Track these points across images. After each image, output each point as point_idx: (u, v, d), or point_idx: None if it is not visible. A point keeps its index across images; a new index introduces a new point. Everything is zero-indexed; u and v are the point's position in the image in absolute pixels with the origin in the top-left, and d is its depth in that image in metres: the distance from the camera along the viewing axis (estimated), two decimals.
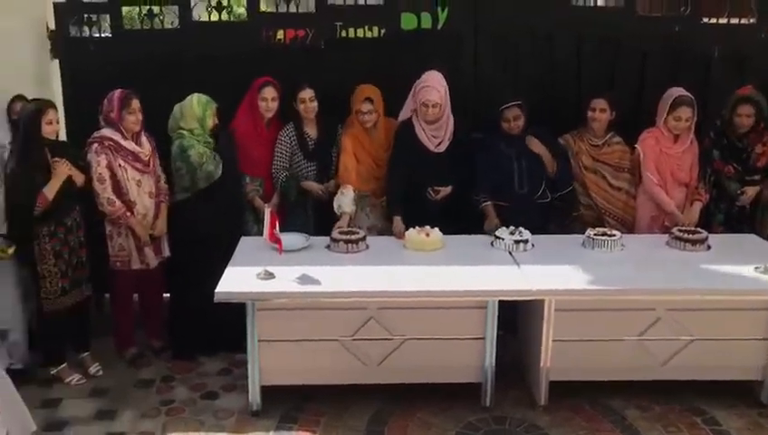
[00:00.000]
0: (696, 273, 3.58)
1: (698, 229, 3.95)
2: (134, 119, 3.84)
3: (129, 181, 3.89)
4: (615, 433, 3.46)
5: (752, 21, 4.55)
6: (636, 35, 4.49)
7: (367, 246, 3.85)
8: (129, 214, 3.88)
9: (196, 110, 3.96)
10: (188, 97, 4.00)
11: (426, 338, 3.55)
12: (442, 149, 4.17)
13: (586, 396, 3.70)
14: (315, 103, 4.19)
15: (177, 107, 4.01)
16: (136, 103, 3.84)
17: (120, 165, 3.86)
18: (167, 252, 4.09)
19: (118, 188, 3.87)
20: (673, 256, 3.79)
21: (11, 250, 3.62)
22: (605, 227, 4.12)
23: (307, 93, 4.16)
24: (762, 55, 4.50)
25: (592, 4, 4.56)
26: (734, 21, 4.59)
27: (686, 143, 4.23)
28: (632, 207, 4.33)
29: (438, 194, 4.14)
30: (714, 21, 4.60)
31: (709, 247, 3.85)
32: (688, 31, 4.50)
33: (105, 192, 3.83)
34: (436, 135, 4.17)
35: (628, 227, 4.29)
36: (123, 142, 3.86)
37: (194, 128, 3.97)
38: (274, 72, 4.24)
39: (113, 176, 3.85)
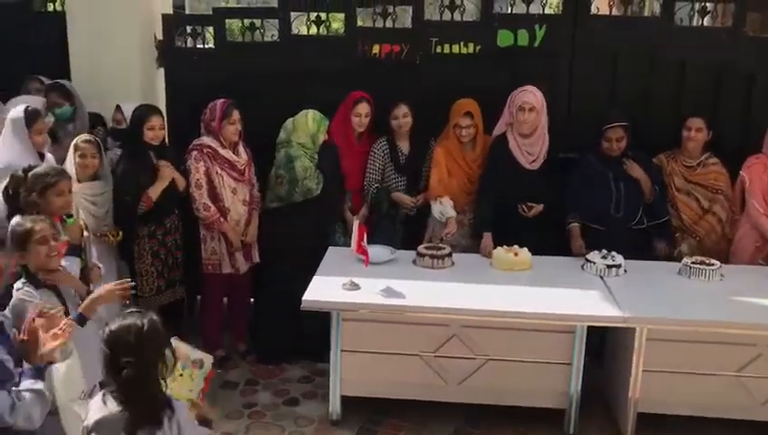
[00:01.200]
0: None
1: None
2: (233, 129, 3.97)
3: (224, 188, 4.02)
4: None
5: None
6: (743, 56, 4.29)
7: (453, 263, 3.83)
8: (222, 220, 4.00)
9: (310, 126, 4.05)
10: (302, 112, 4.09)
11: (509, 360, 3.49)
12: (536, 166, 4.12)
13: (676, 431, 3.54)
14: (409, 119, 4.22)
15: (289, 121, 4.12)
16: (236, 114, 3.97)
17: (216, 172, 3.99)
18: (256, 258, 4.20)
19: (214, 195, 4.00)
20: None
21: (119, 235, 3.77)
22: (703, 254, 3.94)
23: (401, 110, 4.20)
24: None
25: (696, 23, 4.38)
26: None
27: None
28: (720, 234, 4.13)
29: (531, 211, 4.07)
30: None
31: None
32: None
33: (202, 198, 3.97)
34: (531, 151, 4.11)
35: (718, 253, 4.08)
36: (221, 151, 3.99)
37: (304, 142, 4.06)
38: (369, 86, 4.30)
39: (210, 182, 3.99)
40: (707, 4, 4.33)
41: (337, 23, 4.83)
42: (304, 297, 3.36)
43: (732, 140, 4.27)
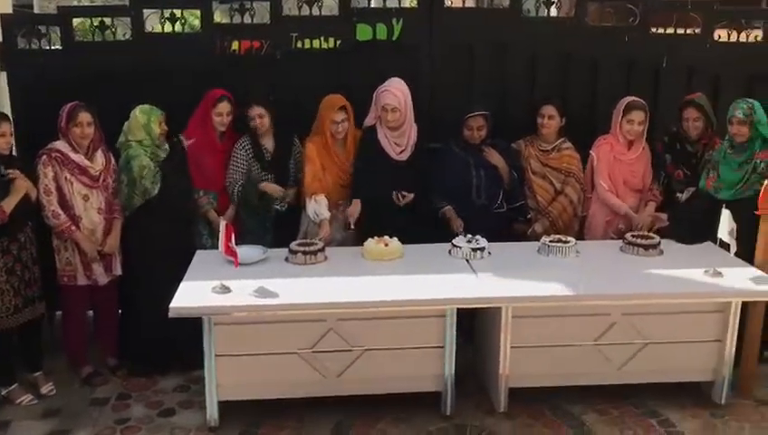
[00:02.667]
0: (648, 277, 3.65)
1: (651, 235, 4.03)
2: (80, 132, 3.77)
3: (74, 195, 3.82)
4: None
5: (697, 31, 4.66)
6: (587, 46, 4.57)
7: (326, 258, 3.83)
8: (74, 228, 3.80)
9: (139, 119, 3.91)
10: (132, 110, 3.94)
11: (385, 348, 3.55)
12: (404, 157, 4.20)
13: (545, 402, 3.74)
14: (266, 119, 4.16)
15: (126, 123, 3.96)
16: (83, 117, 3.77)
17: (66, 178, 3.79)
18: (118, 270, 4.00)
19: (63, 202, 3.80)
20: (627, 261, 3.85)
21: None
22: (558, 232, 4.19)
23: (255, 111, 4.14)
24: (707, 65, 4.63)
25: (544, 14, 4.61)
26: (681, 31, 4.70)
27: (638, 150, 4.34)
28: (571, 214, 4.40)
29: (404, 199, 4.14)
30: (662, 31, 4.71)
31: (662, 252, 3.93)
32: (638, 41, 4.60)
33: (51, 205, 3.75)
34: (399, 142, 4.19)
35: (571, 232, 4.35)
36: (72, 155, 3.80)
37: (142, 139, 3.92)
38: (229, 84, 4.22)
39: (59, 189, 3.78)
40: None
41: (194, 19, 4.69)
42: (172, 304, 3.25)
43: (582, 124, 4.53)
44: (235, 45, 4.44)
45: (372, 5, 4.61)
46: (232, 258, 3.48)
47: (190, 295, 3.36)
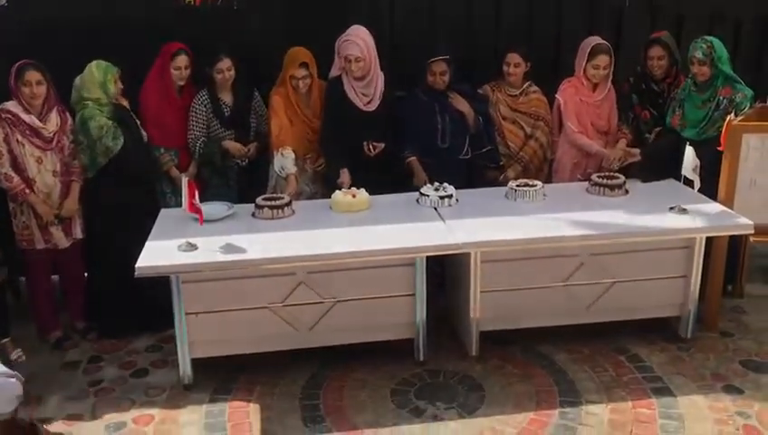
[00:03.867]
0: (614, 217, 3.67)
1: (616, 175, 4.05)
2: (29, 91, 3.64)
3: (26, 157, 3.71)
4: (546, 378, 3.55)
5: None
6: None
7: (293, 211, 3.79)
8: (27, 191, 3.70)
9: (96, 75, 3.78)
10: (87, 66, 3.81)
11: (356, 299, 3.55)
12: (372, 107, 4.13)
13: (517, 344, 3.80)
14: (233, 72, 4.05)
15: (77, 78, 3.83)
16: (32, 75, 3.63)
17: (17, 140, 3.68)
18: (79, 234, 3.91)
19: (16, 164, 3.69)
20: (593, 202, 3.87)
21: None
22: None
23: (225, 64, 4.01)
24: (671, 4, 4.59)
25: None
26: None
27: (604, 91, 4.32)
28: (542, 157, 4.41)
29: (375, 150, 4.09)
30: None
31: (627, 192, 3.96)
32: None
33: (2, 167, 3.66)
34: (366, 93, 4.11)
35: (542, 176, 4.37)
36: (24, 116, 3.67)
37: (98, 97, 3.80)
38: (186, 36, 4.08)
39: (11, 151, 3.67)
40: None
41: None
42: (138, 264, 3.20)
43: (546, 65, 4.49)
44: None
45: None
46: (196, 215, 3.42)
47: (156, 255, 3.31)
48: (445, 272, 4.05)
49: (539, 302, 3.68)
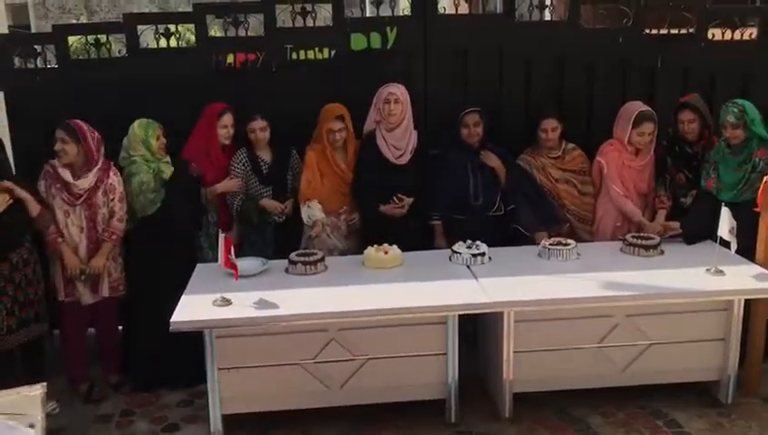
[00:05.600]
0: (650, 278, 3.62)
1: (651, 235, 4.02)
2: (58, 149, 3.80)
3: (57, 210, 3.85)
4: None
5: (691, 31, 4.67)
6: (581, 48, 4.58)
7: (326, 267, 3.82)
8: (59, 239, 3.83)
9: (138, 133, 3.95)
10: (131, 125, 3.97)
11: (388, 357, 3.54)
12: (404, 161, 4.20)
13: (551, 406, 3.73)
14: (267, 133, 4.18)
15: (125, 138, 3.99)
16: (58, 134, 3.79)
17: (52, 193, 3.84)
18: (105, 292, 3.96)
19: (53, 216, 3.84)
20: (628, 262, 3.84)
21: None
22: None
23: (258, 124, 4.15)
24: (702, 64, 4.63)
25: (538, 18, 4.63)
26: (675, 31, 4.70)
27: (647, 157, 4.31)
28: (593, 213, 4.43)
29: (402, 202, 4.14)
30: (655, 32, 4.71)
31: (662, 252, 3.92)
32: (632, 42, 4.60)
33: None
34: (398, 146, 4.19)
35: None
36: (60, 171, 3.84)
37: (142, 153, 3.95)
38: (227, 97, 4.23)
39: (48, 203, 3.84)
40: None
41: (189, 34, 4.71)
42: (173, 318, 3.24)
43: (579, 127, 4.53)
44: (230, 59, 4.46)
45: (366, 15, 4.60)
46: (232, 271, 3.47)
47: (191, 309, 3.35)
48: (477, 331, 4.02)
49: (573, 363, 3.63)
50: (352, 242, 4.28)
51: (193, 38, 4.60)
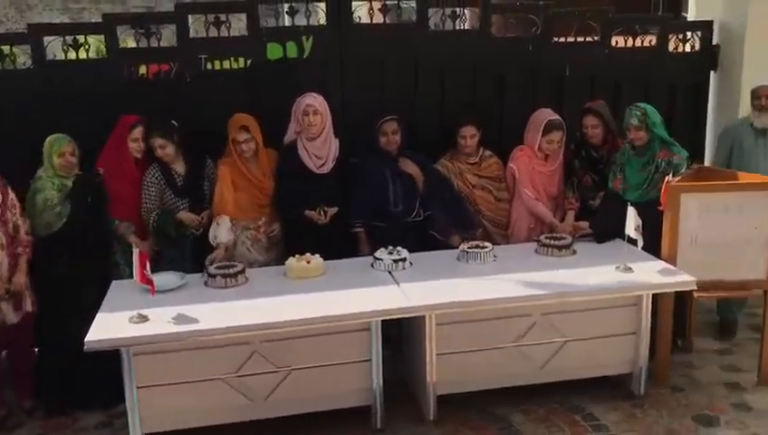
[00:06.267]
0: (564, 277, 3.76)
1: (563, 235, 4.16)
2: None
3: None
4: None
5: (596, 38, 4.87)
6: (493, 56, 4.71)
7: (246, 279, 3.78)
8: None
9: (45, 149, 3.83)
10: None
11: (312, 366, 3.53)
12: (326, 169, 4.21)
13: (474, 406, 3.80)
14: (169, 148, 4.06)
15: None
16: None
17: None
18: (29, 307, 3.82)
19: None
20: (542, 263, 3.96)
21: None
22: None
23: (157, 142, 4.04)
24: (607, 71, 4.84)
25: (451, 27, 4.73)
26: (581, 39, 4.89)
27: (556, 162, 4.47)
28: (508, 218, 4.54)
29: (327, 214, 4.14)
30: (563, 40, 4.90)
31: (575, 252, 4.07)
32: (541, 50, 4.77)
33: None
34: (320, 155, 4.19)
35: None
36: None
37: (48, 170, 3.83)
38: (141, 109, 4.13)
39: None
40: (456, 9, 4.69)
41: (98, 44, 4.59)
42: (87, 337, 3.14)
43: (492, 132, 4.64)
44: (143, 70, 4.36)
45: (281, 24, 4.59)
46: (148, 286, 3.39)
47: (106, 327, 3.25)
48: (401, 336, 4.06)
49: (494, 363, 3.71)
50: (273, 254, 4.25)
51: (103, 49, 4.47)
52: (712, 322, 4.75)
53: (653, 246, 3.90)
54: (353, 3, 4.55)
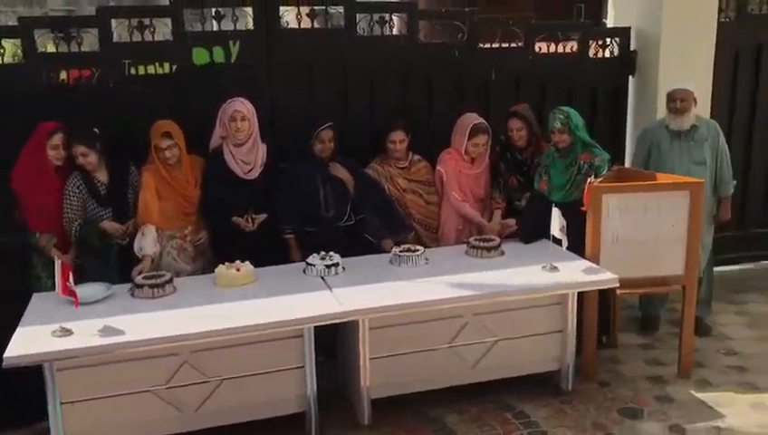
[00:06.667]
0: (493, 277, 3.83)
1: (492, 237, 4.25)
2: None
3: None
4: None
5: (520, 44, 5.00)
6: (421, 62, 4.77)
7: (174, 289, 3.70)
8: None
9: None
10: None
11: (244, 375, 3.48)
12: (254, 175, 4.17)
13: (409, 408, 3.83)
14: (91, 156, 3.93)
15: None
16: None
17: None
18: None
19: None
20: (472, 264, 4.02)
21: None
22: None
23: (78, 150, 3.91)
24: (531, 76, 4.98)
25: (379, 33, 4.77)
26: (506, 45, 5.01)
27: (482, 165, 4.57)
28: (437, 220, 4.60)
29: (255, 221, 4.09)
30: (488, 46, 5.00)
31: (503, 253, 4.15)
32: (467, 56, 4.86)
33: None
34: (247, 160, 4.15)
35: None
36: None
37: None
38: (61, 116, 3.98)
39: None
40: (384, 15, 4.74)
41: (15, 49, 4.42)
42: (6, 353, 3.01)
43: (421, 136, 4.70)
44: (63, 75, 4.22)
45: (207, 29, 4.52)
46: (71, 298, 3.28)
47: (27, 342, 3.13)
48: (336, 341, 4.06)
49: (427, 365, 3.75)
50: (201, 263, 4.18)
51: (20, 53, 4.31)
52: (635, 317, 4.93)
53: (577, 245, 4.02)
54: (281, 7, 4.53)
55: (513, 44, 5.02)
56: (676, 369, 4.21)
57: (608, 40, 5.30)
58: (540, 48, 5.12)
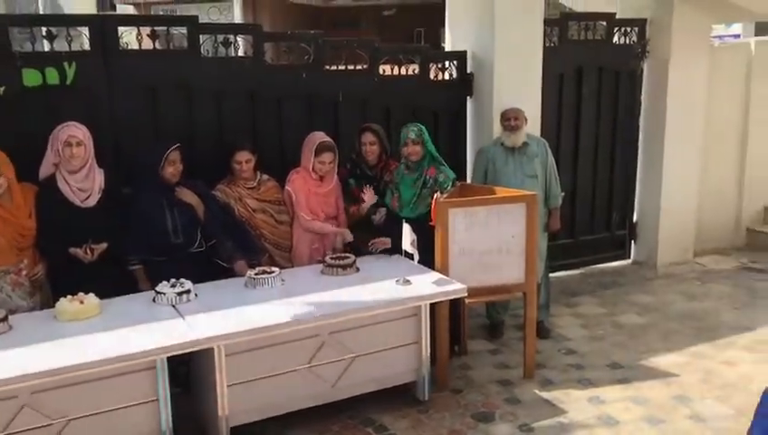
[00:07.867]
0: (349, 294, 3.89)
1: (347, 255, 4.32)
2: None
3: None
4: None
5: (365, 67, 5.15)
6: (269, 83, 4.78)
7: (9, 327, 3.43)
8: None
9: None
10: None
11: (92, 414, 3.27)
12: (91, 203, 3.96)
13: (270, 433, 3.78)
14: None
15: None
16: None
17: None
18: None
19: None
20: (328, 283, 4.06)
21: None
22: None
23: None
24: (377, 97, 5.15)
25: (224, 54, 4.73)
26: (352, 67, 5.15)
27: (331, 183, 4.62)
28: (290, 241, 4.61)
29: (95, 252, 3.88)
30: (335, 68, 5.11)
31: (358, 269, 4.23)
32: (315, 77, 4.93)
33: None
34: (83, 187, 3.94)
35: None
36: None
37: None
38: None
39: None
40: (229, 36, 4.70)
41: None
42: None
43: (272, 157, 4.71)
44: None
45: (38, 49, 4.25)
46: None
47: None
48: (190, 372, 3.93)
49: (287, 387, 3.73)
50: (39, 297, 3.90)
51: None
52: (483, 325, 5.19)
53: (427, 258, 4.19)
54: (119, 28, 4.36)
55: (359, 67, 5.16)
56: (522, 371, 4.48)
57: (446, 63, 5.59)
58: (384, 70, 5.31)
